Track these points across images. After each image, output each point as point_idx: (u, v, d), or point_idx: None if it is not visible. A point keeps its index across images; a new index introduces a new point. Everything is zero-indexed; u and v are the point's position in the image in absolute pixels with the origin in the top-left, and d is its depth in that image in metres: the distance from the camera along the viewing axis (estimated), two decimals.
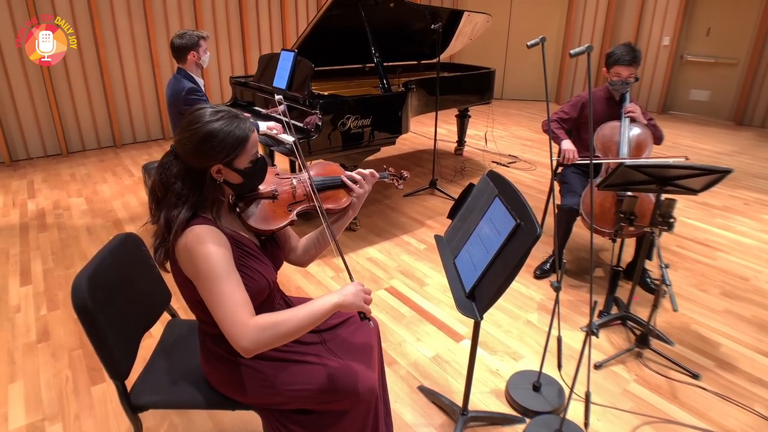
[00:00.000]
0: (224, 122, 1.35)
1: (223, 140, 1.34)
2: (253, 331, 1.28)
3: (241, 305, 1.31)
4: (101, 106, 5.98)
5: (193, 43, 3.23)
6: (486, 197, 1.72)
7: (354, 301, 1.38)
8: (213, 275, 1.31)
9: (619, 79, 2.98)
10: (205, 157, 1.34)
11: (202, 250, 1.31)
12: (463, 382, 2.19)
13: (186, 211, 1.34)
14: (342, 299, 1.37)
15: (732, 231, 3.97)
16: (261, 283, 1.46)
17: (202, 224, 1.35)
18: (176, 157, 1.38)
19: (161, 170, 1.39)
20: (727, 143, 6.42)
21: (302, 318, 1.34)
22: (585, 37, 8.21)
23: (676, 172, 2.21)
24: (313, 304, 1.37)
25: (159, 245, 1.37)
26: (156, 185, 1.39)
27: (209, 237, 1.33)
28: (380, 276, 3.28)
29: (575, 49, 1.62)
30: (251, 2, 6.77)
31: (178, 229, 1.33)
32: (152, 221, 1.41)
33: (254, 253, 1.48)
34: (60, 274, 3.28)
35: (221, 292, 1.30)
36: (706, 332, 2.75)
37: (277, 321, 1.32)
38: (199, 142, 1.33)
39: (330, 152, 3.49)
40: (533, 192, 4.75)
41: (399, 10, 4.38)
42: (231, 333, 1.29)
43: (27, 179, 5.04)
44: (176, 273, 1.40)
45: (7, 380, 2.37)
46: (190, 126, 1.34)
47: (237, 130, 1.36)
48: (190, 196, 1.36)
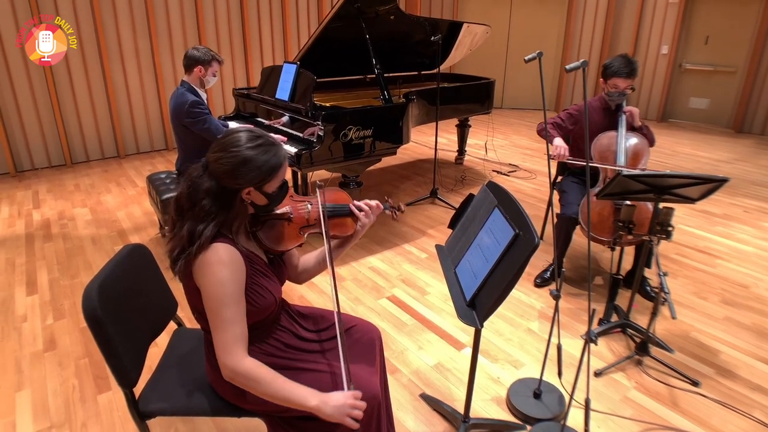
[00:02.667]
0: (263, 149, 1.41)
1: (261, 167, 1.40)
2: (237, 370, 1.38)
3: (240, 338, 1.40)
4: (105, 117, 6.05)
5: (206, 59, 3.28)
6: (486, 208, 1.75)
7: (333, 415, 1.37)
8: (222, 300, 1.37)
9: (617, 91, 3.02)
10: (240, 179, 1.39)
11: (219, 272, 1.36)
12: (464, 390, 2.21)
13: (213, 228, 1.39)
14: (319, 406, 1.37)
15: (732, 239, 4.00)
16: (269, 300, 1.52)
17: (224, 243, 1.39)
18: (208, 173, 1.42)
19: (191, 183, 1.43)
20: (727, 151, 6.45)
21: (278, 394, 1.39)
22: (584, 45, 8.28)
23: (674, 181, 2.24)
24: (293, 390, 1.40)
25: (179, 256, 1.40)
26: (183, 196, 1.43)
27: (228, 261, 1.38)
28: (382, 285, 3.31)
29: (571, 65, 1.66)
30: (253, 15, 6.86)
31: (204, 243, 1.37)
32: (171, 231, 1.45)
33: (264, 271, 1.54)
34: (65, 284, 3.32)
35: (224, 318, 1.37)
36: (705, 340, 2.78)
37: (259, 378, 1.39)
38: (238, 165, 1.38)
39: (332, 163, 3.53)
40: (533, 201, 4.79)
41: (399, 22, 4.45)
42: (221, 358, 1.39)
43: (32, 190, 5.09)
44: (187, 282, 1.44)
45: (14, 389, 2.40)
46: (230, 148, 1.39)
47: (273, 158, 1.42)
48: (219, 214, 1.40)
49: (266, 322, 1.59)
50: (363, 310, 3.03)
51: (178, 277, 1.45)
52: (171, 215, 1.47)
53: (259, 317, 1.53)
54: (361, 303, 3.11)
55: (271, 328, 1.61)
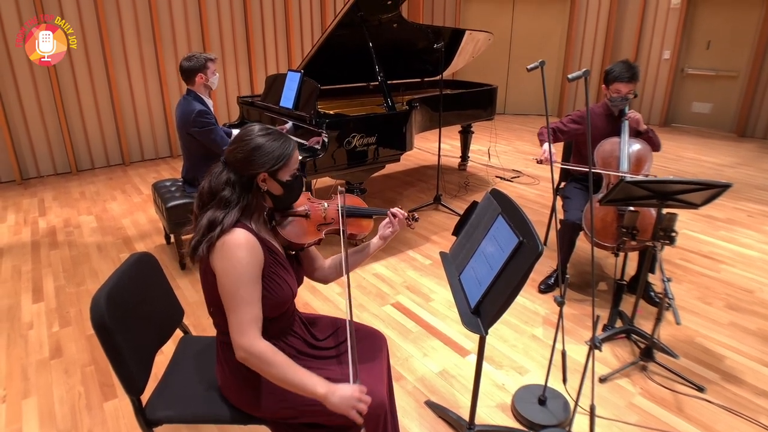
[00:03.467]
0: (272, 137, 1.52)
1: (271, 152, 1.50)
2: (251, 351, 1.41)
3: (255, 320, 1.43)
4: (110, 124, 6.09)
5: (201, 65, 3.30)
6: (489, 215, 1.77)
7: (340, 405, 1.39)
8: (240, 279, 1.41)
9: (619, 96, 3.03)
10: (254, 164, 1.49)
11: (237, 253, 1.42)
12: (469, 397, 2.21)
13: (235, 214, 1.46)
14: (327, 395, 1.40)
15: (736, 243, 4.00)
16: (286, 292, 1.56)
17: (243, 230, 1.46)
18: (226, 166, 1.51)
19: (210, 178, 1.52)
20: (730, 155, 6.45)
21: (289, 379, 1.42)
22: (586, 51, 8.30)
23: (677, 187, 2.25)
24: (304, 377, 1.43)
25: (200, 241, 1.46)
26: (204, 191, 1.52)
27: (247, 243, 1.44)
28: (386, 292, 3.32)
29: (573, 74, 1.67)
30: (257, 22, 6.90)
31: (225, 228, 1.43)
32: (193, 224, 1.52)
33: (283, 263, 1.58)
34: (71, 291, 3.34)
35: (241, 298, 1.42)
36: (710, 345, 2.78)
37: (271, 361, 1.42)
38: (251, 151, 1.48)
39: (336, 170, 3.55)
40: (536, 207, 4.79)
41: (402, 30, 4.48)
42: (236, 338, 1.42)
43: (38, 197, 5.13)
44: (205, 270, 1.49)
45: (21, 396, 2.41)
46: (243, 138, 1.51)
47: (283, 146, 1.52)
48: (239, 201, 1.49)
49: (283, 323, 1.62)
50: (367, 317, 3.03)
51: (198, 266, 1.51)
52: (194, 211, 1.54)
53: (276, 311, 1.56)
54: (365, 310, 3.11)
55: (285, 332, 1.64)
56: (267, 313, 1.51)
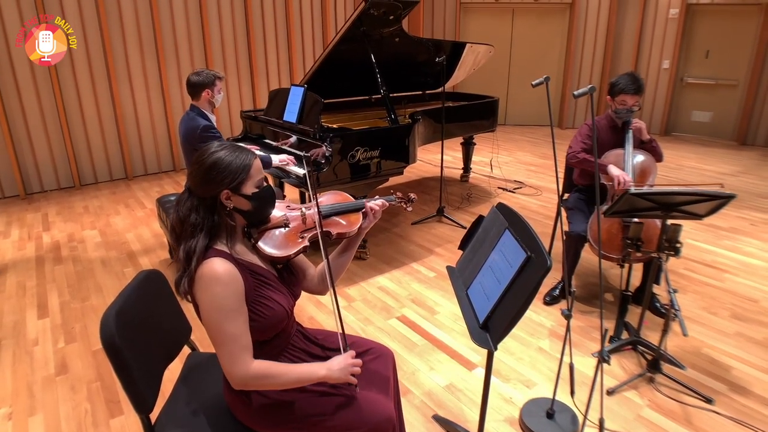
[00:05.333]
0: (228, 151, 1.47)
1: (228, 166, 1.45)
2: (247, 377, 1.42)
3: (244, 348, 1.42)
4: (113, 139, 6.12)
5: (209, 81, 3.33)
6: (496, 230, 1.77)
7: (340, 375, 1.49)
8: (220, 315, 1.39)
9: (624, 108, 3.04)
10: (213, 183, 1.45)
11: (215, 288, 1.39)
12: (477, 411, 2.21)
13: (203, 239, 1.43)
14: (328, 373, 1.48)
15: (739, 252, 4.00)
16: (279, 312, 1.52)
17: (217, 257, 1.41)
18: (190, 193, 1.48)
19: (177, 207, 1.49)
20: (731, 164, 6.47)
21: (291, 380, 1.47)
22: (585, 62, 8.35)
23: (681, 198, 2.26)
24: (302, 370, 1.49)
25: (181, 276, 1.44)
26: (174, 223, 1.50)
27: (224, 275, 1.39)
28: (391, 305, 3.32)
29: (579, 90, 1.69)
30: (259, 37, 6.96)
31: (198, 257, 1.41)
32: (174, 258, 1.50)
33: (272, 283, 1.54)
34: (76, 307, 3.34)
35: (224, 333, 1.40)
36: (717, 356, 2.77)
37: (268, 374, 1.44)
38: (207, 170, 1.44)
39: (339, 184, 3.56)
40: (540, 218, 4.80)
41: (404, 44, 4.52)
42: (229, 371, 1.42)
43: (41, 212, 5.14)
44: (194, 302, 1.47)
45: (27, 413, 2.41)
46: (198, 159, 1.47)
47: (238, 159, 1.47)
48: (205, 223, 1.45)
49: (280, 340, 1.59)
50: (373, 331, 3.03)
51: (186, 299, 1.48)
52: (171, 245, 1.51)
53: (271, 332, 1.53)
54: (371, 323, 3.11)
55: (285, 348, 1.62)
56: (261, 336, 1.50)
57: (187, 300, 1.48)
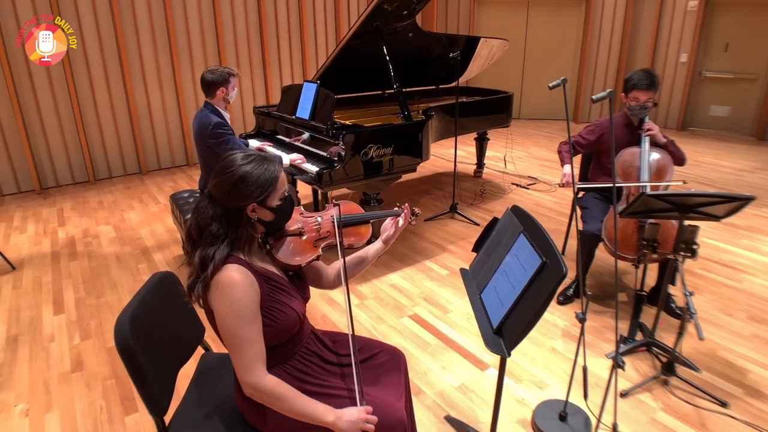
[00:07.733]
0: (256, 164, 1.46)
1: (257, 180, 1.45)
2: (259, 388, 1.42)
3: (258, 356, 1.43)
4: (127, 134, 6.16)
5: (224, 79, 3.33)
6: (511, 233, 1.75)
7: (348, 429, 1.44)
8: (237, 320, 1.40)
9: (637, 104, 3.00)
10: (241, 196, 1.44)
11: (232, 293, 1.39)
12: (489, 412, 2.20)
13: (224, 249, 1.44)
14: (336, 422, 1.44)
15: (758, 252, 3.93)
16: (291, 317, 1.53)
17: (236, 264, 1.43)
18: (211, 200, 1.47)
19: (197, 214, 1.49)
20: (750, 159, 6.36)
21: (297, 409, 1.45)
22: (601, 55, 8.23)
23: (698, 199, 2.22)
24: (312, 407, 1.46)
25: (195, 281, 1.44)
26: (192, 228, 1.49)
27: (241, 280, 1.41)
28: (404, 303, 3.31)
29: (597, 95, 1.66)
30: (272, 32, 6.95)
31: (217, 265, 1.41)
32: (187, 261, 1.50)
33: (284, 288, 1.55)
34: (91, 303, 3.37)
35: (241, 338, 1.41)
36: (733, 358, 2.73)
37: (279, 395, 1.44)
38: (235, 183, 1.43)
39: (352, 181, 3.55)
40: (553, 215, 4.75)
41: (417, 39, 4.48)
42: (242, 377, 1.43)
43: (57, 207, 5.19)
44: (207, 307, 1.48)
45: (43, 410, 2.44)
46: (225, 170, 1.45)
47: (267, 172, 1.47)
48: (228, 234, 1.45)
49: (293, 344, 1.60)
50: (385, 329, 3.03)
51: (199, 304, 1.49)
52: (185, 248, 1.52)
53: (284, 336, 1.54)
54: (383, 322, 3.11)
55: (298, 351, 1.62)
56: (275, 340, 1.51)
57: (199, 305, 1.49)
